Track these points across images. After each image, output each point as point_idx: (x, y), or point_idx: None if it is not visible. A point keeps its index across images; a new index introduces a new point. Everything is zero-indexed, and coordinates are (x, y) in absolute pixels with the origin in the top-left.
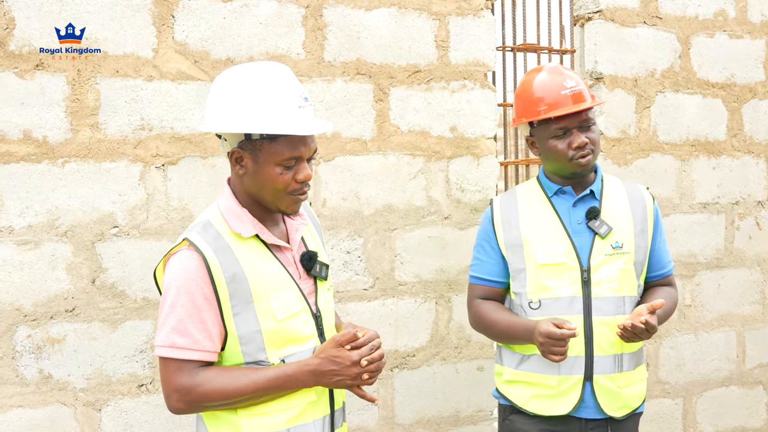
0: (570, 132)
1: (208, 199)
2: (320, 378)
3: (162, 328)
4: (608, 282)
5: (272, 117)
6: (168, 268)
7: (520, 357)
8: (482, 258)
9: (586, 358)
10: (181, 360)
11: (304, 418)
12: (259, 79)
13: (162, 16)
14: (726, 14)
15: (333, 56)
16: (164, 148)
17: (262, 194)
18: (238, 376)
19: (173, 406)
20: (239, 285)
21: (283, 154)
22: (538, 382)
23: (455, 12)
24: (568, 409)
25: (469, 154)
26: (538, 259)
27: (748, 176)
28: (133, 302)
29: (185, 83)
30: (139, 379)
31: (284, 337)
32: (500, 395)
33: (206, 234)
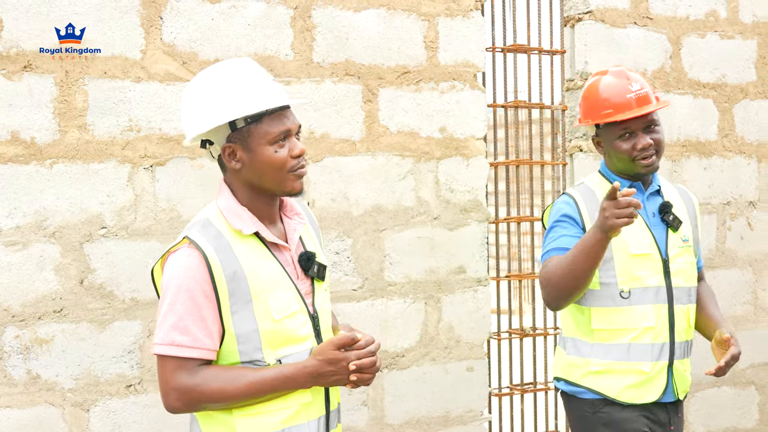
0: (635, 134)
1: (197, 200)
2: (318, 379)
3: (161, 326)
4: (683, 273)
5: (250, 98)
6: (168, 266)
7: (612, 347)
8: (564, 233)
9: (670, 344)
10: (181, 358)
11: (299, 419)
12: (226, 71)
13: (150, 17)
14: (717, 14)
15: (322, 57)
16: (152, 149)
17: (264, 181)
18: (236, 377)
19: (171, 405)
20: (239, 283)
21: (272, 132)
22: (631, 369)
23: (444, 13)
24: (658, 394)
25: (459, 154)
26: (631, 249)
27: (740, 176)
28: (122, 303)
29: (173, 84)
30: (127, 379)
31: (281, 337)
32: (582, 388)
33: (206, 232)
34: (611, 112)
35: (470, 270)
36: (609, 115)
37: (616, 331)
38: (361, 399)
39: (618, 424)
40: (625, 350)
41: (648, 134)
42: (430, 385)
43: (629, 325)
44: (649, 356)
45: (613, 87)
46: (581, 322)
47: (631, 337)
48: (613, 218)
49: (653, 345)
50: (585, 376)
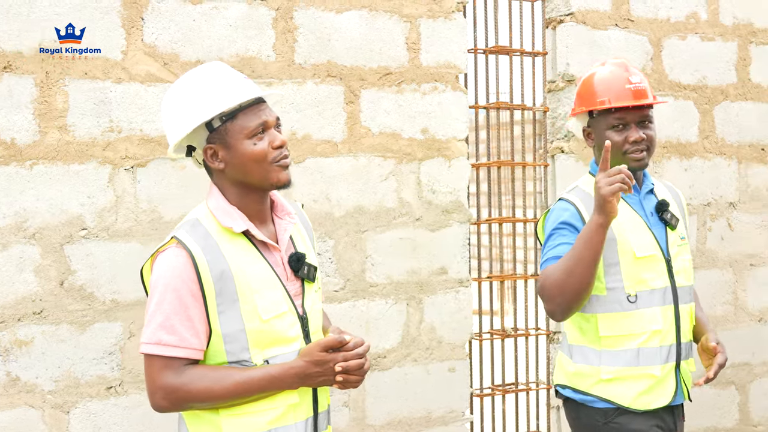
0: (628, 126)
1: (178, 201)
2: (305, 380)
3: (148, 325)
4: (684, 271)
5: (221, 97)
6: (156, 266)
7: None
8: (565, 240)
9: (677, 345)
10: (168, 357)
11: (286, 420)
12: (196, 76)
13: (131, 18)
14: (698, 16)
15: (303, 58)
16: (133, 150)
17: (249, 176)
18: (223, 377)
19: (157, 404)
20: (226, 283)
21: (249, 126)
22: (642, 375)
23: (426, 14)
24: (669, 398)
25: (441, 155)
26: (637, 252)
27: (720, 178)
28: (102, 304)
29: (155, 85)
30: (107, 381)
31: (269, 337)
32: (593, 397)
33: (195, 232)
34: (607, 100)
35: (452, 271)
36: (605, 102)
37: (625, 336)
38: (342, 400)
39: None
40: (635, 355)
41: (641, 129)
42: (412, 385)
43: (638, 329)
44: (658, 359)
45: (612, 76)
46: (587, 330)
47: (639, 341)
48: (606, 186)
49: (662, 347)
50: (595, 385)
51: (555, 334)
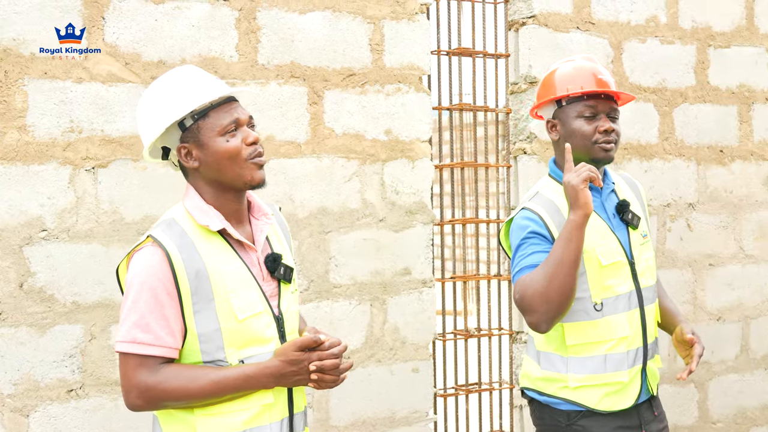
0: (598, 116)
1: (140, 202)
2: (280, 380)
3: (123, 323)
4: (648, 271)
5: (192, 95)
6: (131, 264)
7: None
8: (536, 249)
9: (643, 348)
10: (143, 356)
11: (261, 421)
12: (167, 78)
13: (92, 17)
14: (657, 20)
15: (267, 59)
16: (94, 151)
17: (223, 174)
18: (198, 375)
19: (132, 402)
20: (201, 282)
21: (221, 123)
22: (610, 381)
23: (390, 16)
24: (632, 400)
25: (404, 157)
26: (603, 261)
27: (679, 179)
28: (62, 306)
29: (116, 85)
30: (68, 384)
31: (244, 337)
32: (561, 400)
33: (171, 231)
34: (580, 87)
35: (415, 271)
36: (576, 89)
37: (592, 344)
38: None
39: None
40: (602, 361)
41: (610, 121)
42: (376, 386)
43: (605, 336)
44: (625, 364)
45: (583, 67)
46: (554, 338)
47: (606, 347)
48: (575, 177)
49: (628, 352)
50: (562, 389)
51: (518, 334)
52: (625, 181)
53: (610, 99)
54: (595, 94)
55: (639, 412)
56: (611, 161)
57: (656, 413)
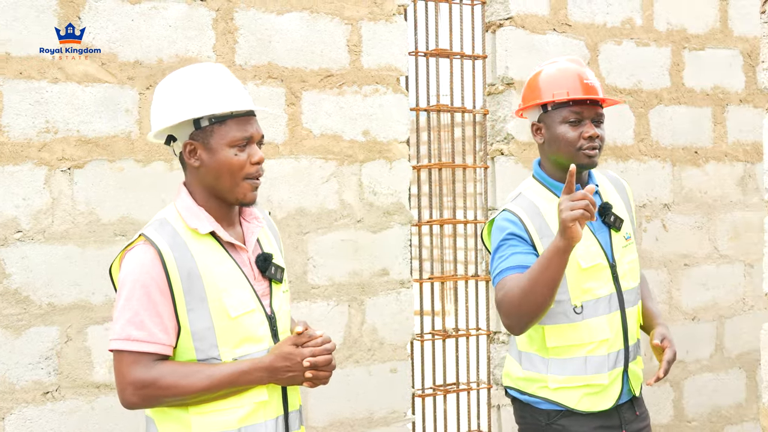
0: (583, 122)
1: (116, 203)
2: (274, 374)
3: (117, 321)
4: (630, 273)
5: (216, 99)
6: (124, 263)
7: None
8: (516, 251)
9: (625, 350)
10: (137, 353)
11: (256, 418)
12: (197, 71)
13: (68, 17)
14: (633, 22)
15: (244, 60)
16: (70, 152)
17: (219, 183)
18: (193, 372)
19: (127, 400)
20: (194, 281)
21: (234, 135)
22: (590, 383)
23: (367, 17)
24: (612, 401)
25: (382, 158)
26: (582, 263)
27: (655, 180)
28: (38, 308)
29: (92, 86)
30: (44, 386)
31: (237, 335)
32: (541, 399)
33: (162, 230)
34: (566, 92)
35: (393, 272)
36: (563, 94)
37: (572, 346)
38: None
39: None
40: (582, 363)
41: (595, 127)
42: (354, 386)
43: (585, 339)
44: (605, 367)
45: (570, 71)
46: (535, 339)
47: (587, 350)
48: (568, 211)
49: (609, 355)
50: (542, 389)
51: (495, 334)
52: (611, 181)
53: (595, 103)
54: (581, 100)
55: (620, 413)
56: (595, 166)
57: (638, 413)
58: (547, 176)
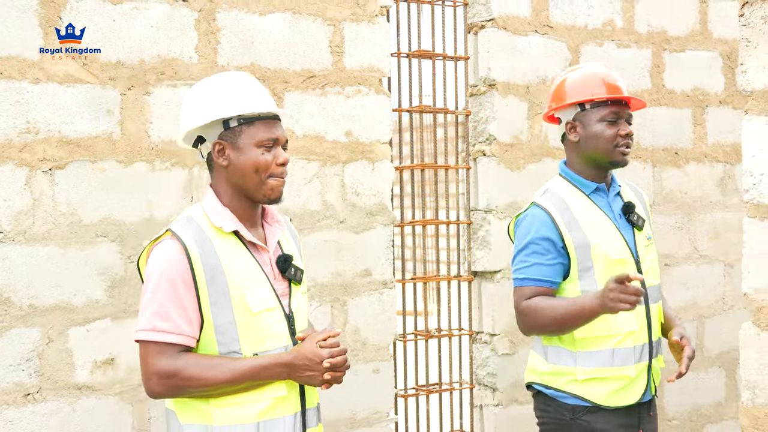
0: (619, 121)
1: (98, 204)
2: (292, 371)
3: (143, 313)
4: (652, 271)
5: (244, 101)
6: (151, 257)
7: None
8: (539, 260)
9: (649, 344)
10: (162, 343)
11: (275, 413)
12: (226, 77)
13: (49, 17)
14: (614, 24)
15: (227, 60)
16: (51, 152)
17: (246, 182)
18: (216, 364)
19: (152, 389)
20: (217, 277)
21: (262, 136)
22: (617, 375)
23: (350, 18)
24: (639, 395)
25: (365, 158)
26: (612, 255)
27: (636, 181)
28: (19, 309)
29: (73, 86)
30: (25, 388)
31: (258, 331)
32: (567, 394)
33: (188, 227)
34: (605, 91)
35: (376, 273)
36: (601, 94)
37: (600, 338)
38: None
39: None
40: (610, 356)
41: None
42: (337, 387)
43: (613, 331)
44: (632, 359)
45: (605, 73)
46: None
47: (614, 342)
48: (617, 302)
49: (635, 347)
50: (569, 383)
51: (477, 334)
52: (630, 188)
53: (626, 104)
54: (617, 100)
55: (639, 411)
56: (627, 164)
57: (651, 413)
58: (574, 174)
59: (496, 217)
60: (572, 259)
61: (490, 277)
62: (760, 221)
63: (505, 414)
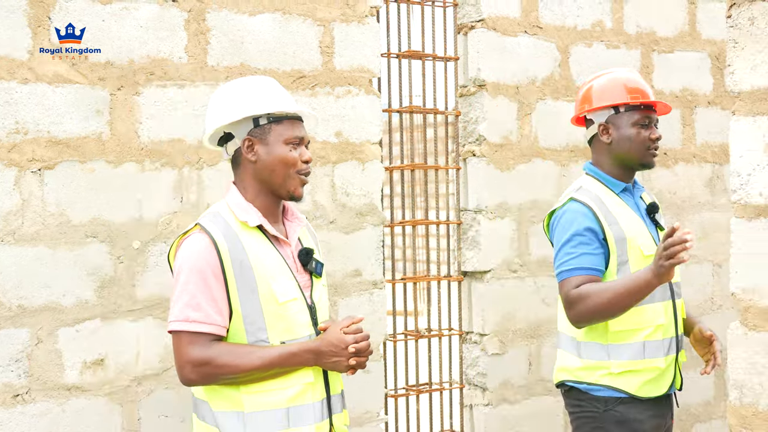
0: (650, 125)
1: (87, 204)
2: (319, 358)
3: (176, 304)
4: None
5: (274, 100)
6: (180, 250)
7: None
8: (586, 250)
9: (676, 338)
10: (195, 333)
11: (303, 399)
12: (252, 79)
13: (38, 17)
14: (603, 25)
15: (216, 61)
16: (41, 153)
17: (273, 177)
18: (247, 351)
19: (186, 377)
20: (245, 269)
21: (289, 134)
22: (649, 367)
23: (340, 18)
24: (667, 387)
25: (355, 159)
26: (644, 251)
27: None
28: (8, 310)
29: (63, 86)
30: (14, 389)
31: (284, 321)
32: (601, 387)
33: (216, 222)
34: (639, 96)
35: (366, 273)
36: (637, 98)
37: (632, 330)
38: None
39: (629, 423)
40: (641, 348)
41: None
42: None
43: (644, 324)
44: (661, 351)
45: (637, 79)
46: (595, 328)
47: (645, 334)
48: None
49: (664, 340)
50: (604, 377)
51: (467, 334)
52: (647, 193)
53: (654, 110)
54: (649, 105)
55: (669, 403)
56: (654, 167)
57: (677, 405)
58: (604, 173)
59: (486, 217)
60: (612, 252)
61: (479, 277)
62: (747, 221)
63: (495, 414)
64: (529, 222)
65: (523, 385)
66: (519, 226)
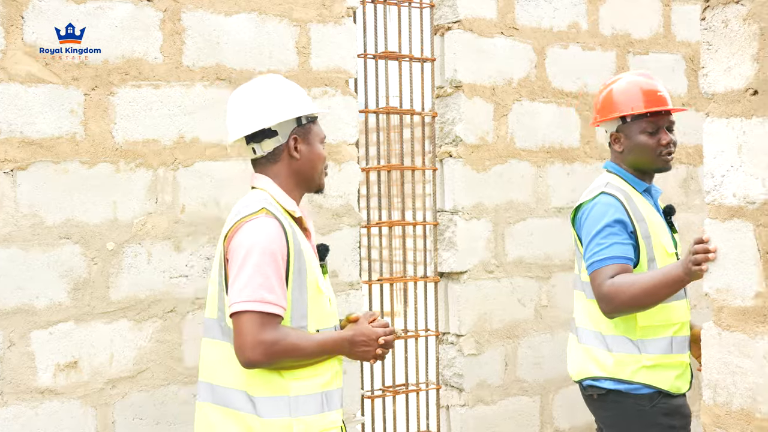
0: (659, 130)
1: (61, 205)
2: (352, 347)
3: (248, 285)
4: None
5: (311, 103)
6: (248, 231)
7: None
8: (618, 240)
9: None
10: (268, 314)
11: (333, 385)
12: (281, 79)
13: (10, 16)
14: (579, 27)
15: (192, 61)
16: (13, 153)
17: (312, 172)
18: (306, 336)
19: (254, 358)
20: (299, 256)
21: (322, 134)
22: (677, 362)
23: (316, 19)
24: (688, 383)
25: (331, 159)
26: (668, 249)
27: None
28: None
29: (36, 86)
30: None
31: (321, 310)
32: (637, 384)
33: (276, 208)
34: (645, 104)
35: (343, 274)
36: (644, 106)
37: (660, 326)
38: None
39: (677, 409)
40: (668, 344)
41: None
42: None
43: (672, 320)
44: (685, 348)
45: (646, 84)
46: (626, 319)
47: (672, 330)
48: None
49: (685, 337)
50: (638, 372)
51: (444, 335)
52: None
53: (667, 112)
54: (656, 111)
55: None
56: (670, 169)
57: None
58: (635, 177)
59: (463, 218)
60: (641, 247)
61: (456, 278)
62: (721, 222)
63: (472, 414)
64: (506, 223)
65: (499, 385)
66: (495, 227)
